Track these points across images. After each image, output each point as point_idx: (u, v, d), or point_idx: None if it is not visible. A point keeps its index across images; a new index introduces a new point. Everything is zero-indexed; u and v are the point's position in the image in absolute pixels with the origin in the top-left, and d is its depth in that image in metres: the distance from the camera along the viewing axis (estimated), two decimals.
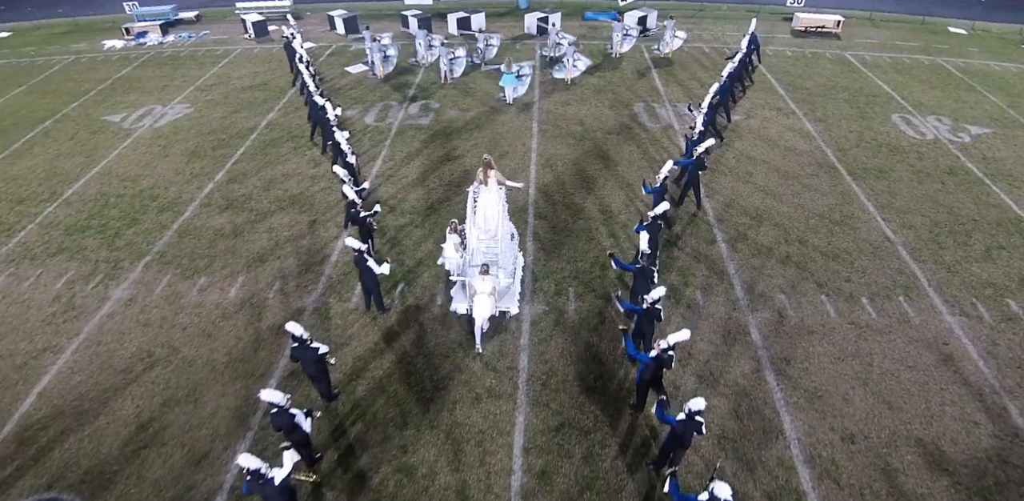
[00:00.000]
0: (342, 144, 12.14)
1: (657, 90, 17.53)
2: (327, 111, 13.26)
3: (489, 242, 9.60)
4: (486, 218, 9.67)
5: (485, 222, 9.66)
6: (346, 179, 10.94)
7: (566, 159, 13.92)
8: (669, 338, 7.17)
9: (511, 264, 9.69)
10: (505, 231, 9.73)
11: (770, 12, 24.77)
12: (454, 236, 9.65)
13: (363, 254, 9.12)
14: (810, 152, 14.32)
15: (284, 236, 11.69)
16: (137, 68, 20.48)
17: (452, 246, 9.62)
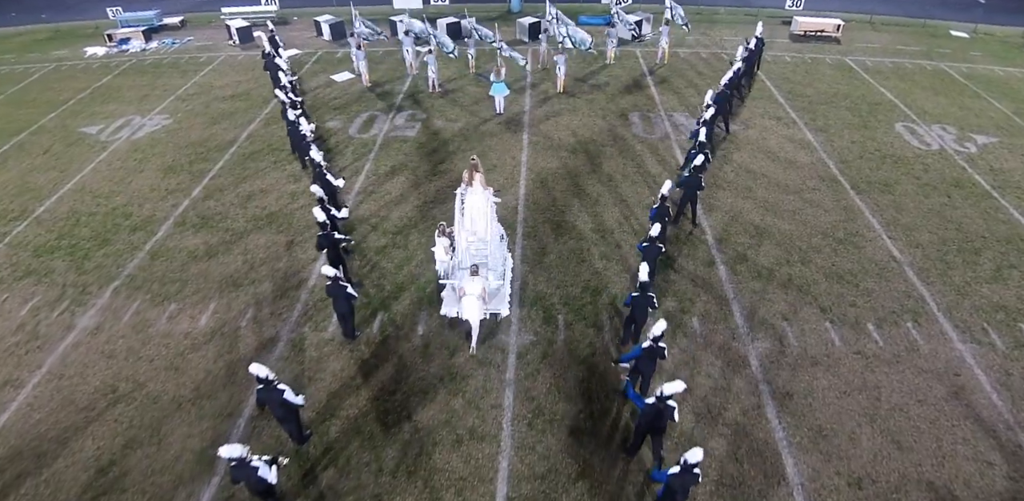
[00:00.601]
0: (322, 164, 11.50)
1: (652, 98, 16.97)
2: (298, 126, 12.69)
3: (478, 244, 9.38)
4: (473, 220, 9.47)
5: (472, 224, 9.48)
6: (323, 197, 10.37)
7: (557, 173, 13.36)
8: (664, 388, 6.60)
9: (500, 265, 9.53)
10: (494, 232, 9.58)
11: (768, 16, 24.20)
12: (443, 239, 9.46)
13: (338, 281, 8.60)
14: (812, 165, 13.78)
15: (260, 258, 11.13)
16: (118, 76, 19.88)
17: (441, 249, 9.44)
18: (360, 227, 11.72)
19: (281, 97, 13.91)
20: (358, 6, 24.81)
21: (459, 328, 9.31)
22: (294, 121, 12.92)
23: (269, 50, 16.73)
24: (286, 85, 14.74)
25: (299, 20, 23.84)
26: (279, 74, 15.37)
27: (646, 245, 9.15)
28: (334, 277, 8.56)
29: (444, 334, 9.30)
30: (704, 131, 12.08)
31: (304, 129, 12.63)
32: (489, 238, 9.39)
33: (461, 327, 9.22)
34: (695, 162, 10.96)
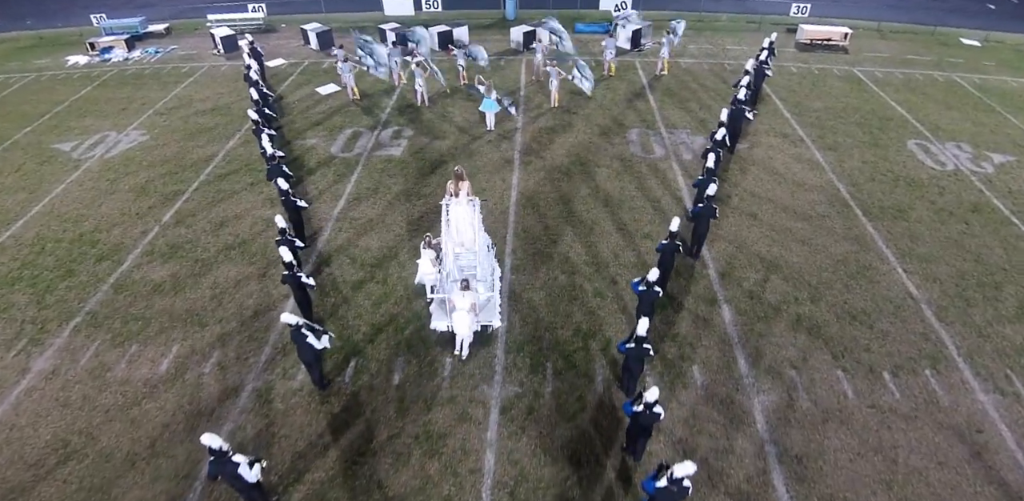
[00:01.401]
0: (288, 191, 10.76)
1: (652, 113, 16.19)
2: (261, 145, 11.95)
3: (467, 255, 9.26)
4: (459, 231, 9.30)
5: (459, 235, 9.31)
6: (285, 229, 9.67)
7: (550, 197, 12.59)
8: (675, 469, 5.76)
9: (489, 276, 9.40)
10: (481, 243, 9.45)
11: (773, 23, 23.40)
12: (429, 251, 9.27)
13: (299, 329, 7.86)
14: (821, 187, 12.99)
15: (228, 293, 10.39)
16: (97, 88, 19.16)
17: (428, 261, 9.26)
18: (336, 258, 10.98)
19: (252, 117, 13.20)
20: (348, 12, 24.27)
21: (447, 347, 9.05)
22: (261, 143, 12.24)
23: (248, 62, 16.01)
24: (259, 100, 14.04)
25: (287, 27, 23.10)
26: (251, 91, 14.65)
27: (643, 289, 8.39)
28: (295, 325, 7.84)
29: (421, 384, 8.56)
30: (712, 157, 11.32)
31: (269, 150, 11.86)
32: (477, 248, 9.23)
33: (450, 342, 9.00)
34: (708, 191, 10.21)
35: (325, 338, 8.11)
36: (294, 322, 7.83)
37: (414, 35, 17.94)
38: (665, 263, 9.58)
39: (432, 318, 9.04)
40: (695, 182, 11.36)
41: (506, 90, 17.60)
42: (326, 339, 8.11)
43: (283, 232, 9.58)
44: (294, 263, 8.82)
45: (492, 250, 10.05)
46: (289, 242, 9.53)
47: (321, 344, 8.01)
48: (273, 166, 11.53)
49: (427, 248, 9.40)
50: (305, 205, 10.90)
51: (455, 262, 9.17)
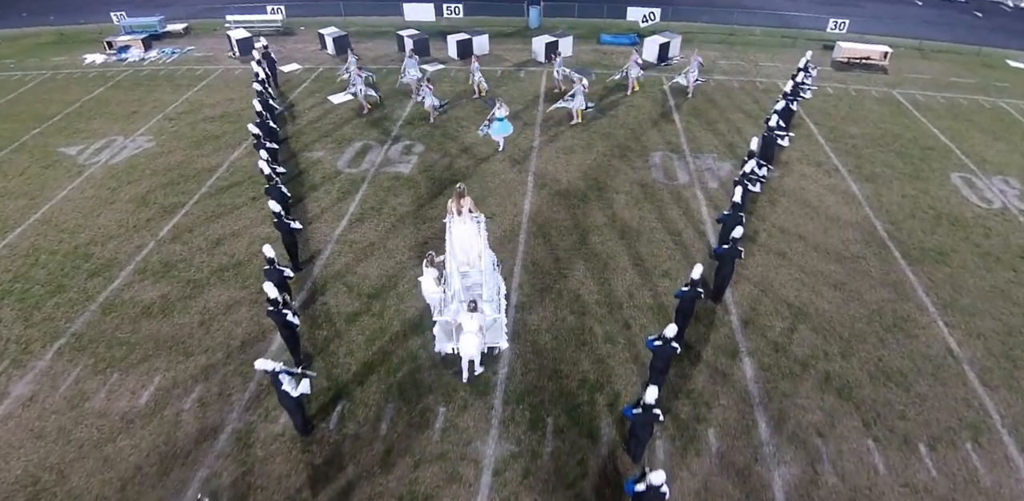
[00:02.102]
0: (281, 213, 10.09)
1: (678, 135, 15.34)
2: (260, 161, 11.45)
3: (473, 273, 9.10)
4: (464, 249, 9.23)
5: (464, 254, 9.20)
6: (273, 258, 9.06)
7: (563, 225, 11.86)
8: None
9: (495, 295, 9.19)
10: (487, 260, 9.29)
11: (808, 38, 22.31)
12: (431, 270, 8.94)
13: (276, 375, 7.28)
14: (857, 223, 12.06)
15: (217, 320, 9.87)
16: (111, 89, 18.91)
17: (431, 280, 8.93)
18: (332, 286, 10.40)
19: (253, 130, 12.71)
20: (369, 16, 23.81)
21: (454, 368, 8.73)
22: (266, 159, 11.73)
23: (256, 70, 15.54)
24: (261, 112, 13.54)
25: (305, 30, 22.68)
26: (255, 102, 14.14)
27: (658, 344, 7.64)
28: (272, 371, 7.26)
29: (411, 436, 7.91)
30: (740, 191, 10.50)
31: (266, 170, 11.29)
32: (483, 267, 9.03)
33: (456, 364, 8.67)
34: (735, 233, 9.38)
35: (304, 383, 7.51)
36: (270, 368, 7.25)
37: None
38: (684, 312, 8.81)
39: (436, 340, 8.76)
40: (719, 217, 10.58)
41: (523, 103, 16.90)
42: (305, 384, 7.51)
43: (271, 262, 9.02)
44: (279, 299, 8.24)
45: (498, 268, 9.77)
46: (277, 273, 8.97)
47: (298, 391, 7.40)
48: (270, 186, 11.01)
49: (429, 267, 9.00)
50: (299, 227, 10.33)
51: (461, 281, 8.86)
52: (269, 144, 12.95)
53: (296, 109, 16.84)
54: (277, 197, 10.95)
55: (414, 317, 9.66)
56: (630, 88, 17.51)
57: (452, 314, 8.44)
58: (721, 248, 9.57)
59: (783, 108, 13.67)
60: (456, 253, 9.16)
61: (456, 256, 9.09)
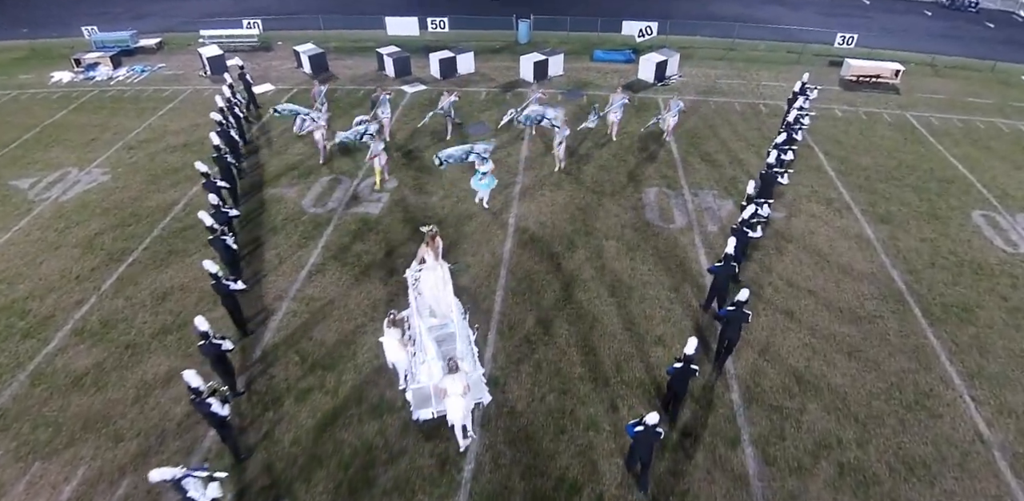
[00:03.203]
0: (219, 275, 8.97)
1: (675, 167, 14.16)
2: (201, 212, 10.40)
3: (442, 328, 8.55)
4: (438, 300, 8.70)
5: (439, 305, 8.67)
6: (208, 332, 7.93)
7: (545, 279, 10.69)
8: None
9: (468, 346, 8.53)
10: (457, 310, 8.78)
11: (815, 54, 21.09)
12: (394, 330, 8.16)
13: (179, 482, 6.19)
14: (872, 274, 10.90)
15: (155, 395, 8.73)
16: (73, 112, 17.80)
17: (394, 342, 8.17)
18: (283, 355, 9.25)
19: (201, 169, 11.62)
20: (349, 29, 22.65)
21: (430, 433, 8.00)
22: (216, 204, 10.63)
23: (218, 99, 14.37)
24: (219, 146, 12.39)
25: (283, 45, 21.52)
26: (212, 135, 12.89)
27: (640, 430, 6.68)
28: (174, 479, 6.19)
29: None
30: (732, 242, 9.37)
31: (207, 222, 10.16)
32: (456, 317, 8.53)
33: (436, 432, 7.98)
34: (740, 296, 8.26)
35: (214, 487, 6.39)
36: (170, 476, 6.15)
37: None
38: (676, 390, 7.75)
39: (413, 407, 8.08)
40: (710, 268, 9.56)
41: (510, 130, 15.73)
42: (215, 488, 6.39)
43: (205, 336, 7.91)
44: (201, 389, 7.13)
45: (466, 316, 9.16)
46: (214, 348, 7.91)
47: (208, 497, 6.27)
48: (214, 238, 9.88)
49: (391, 327, 8.17)
50: (241, 288, 9.17)
51: (432, 340, 8.15)
52: (220, 182, 11.72)
53: (264, 137, 15.69)
54: (220, 249, 9.92)
55: (372, 397, 8.53)
56: (614, 132, 15.09)
57: (428, 377, 7.82)
58: (725, 310, 8.46)
59: (784, 141, 12.49)
60: (428, 305, 8.59)
61: (424, 311, 8.55)
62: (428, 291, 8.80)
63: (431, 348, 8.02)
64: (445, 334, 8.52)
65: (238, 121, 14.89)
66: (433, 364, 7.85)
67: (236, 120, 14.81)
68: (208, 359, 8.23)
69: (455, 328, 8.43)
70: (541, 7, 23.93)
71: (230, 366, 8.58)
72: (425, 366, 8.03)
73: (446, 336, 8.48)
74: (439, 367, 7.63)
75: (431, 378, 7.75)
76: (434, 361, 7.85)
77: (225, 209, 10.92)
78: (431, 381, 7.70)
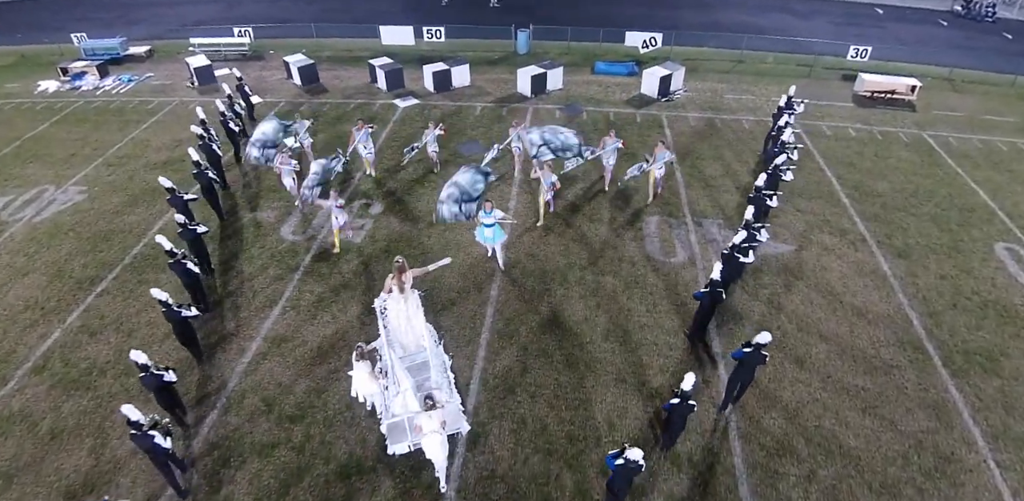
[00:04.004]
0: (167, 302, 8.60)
1: (678, 194, 13.34)
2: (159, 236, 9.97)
3: (418, 358, 8.34)
4: (404, 332, 8.48)
5: (405, 336, 8.46)
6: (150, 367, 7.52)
7: (535, 320, 9.90)
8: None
9: (443, 374, 8.39)
10: (430, 338, 8.63)
11: (826, 67, 20.23)
12: (363, 363, 7.90)
13: None
14: (888, 317, 10.10)
15: (111, 446, 8.09)
16: (55, 124, 17.22)
17: (364, 375, 7.93)
18: (248, 403, 8.55)
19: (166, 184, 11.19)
20: (342, 38, 22.00)
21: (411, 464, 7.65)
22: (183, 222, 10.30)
23: (223, 110, 13.98)
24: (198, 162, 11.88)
25: (274, 55, 20.85)
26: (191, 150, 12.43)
27: (619, 464, 6.36)
28: None
29: None
30: (719, 266, 8.87)
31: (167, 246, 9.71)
32: (429, 345, 8.35)
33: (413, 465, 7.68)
34: (760, 339, 7.64)
35: None
36: None
37: None
38: (673, 426, 7.43)
39: (389, 441, 7.82)
40: (696, 293, 9.01)
41: (503, 151, 15.00)
42: None
43: (144, 368, 7.53)
44: (141, 422, 6.74)
45: (440, 343, 9.05)
46: (155, 379, 7.57)
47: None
48: (174, 261, 9.41)
49: (361, 360, 7.90)
50: (194, 314, 8.79)
51: (404, 371, 7.91)
52: (188, 195, 11.25)
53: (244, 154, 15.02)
54: (180, 274, 9.51)
55: (341, 455, 7.84)
56: (607, 180, 13.19)
57: (403, 409, 7.62)
58: (741, 351, 7.83)
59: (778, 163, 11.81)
60: (400, 338, 8.38)
61: (396, 341, 8.33)
62: (393, 322, 8.57)
63: (404, 380, 7.75)
64: (418, 364, 8.27)
65: (232, 135, 14.31)
66: (407, 395, 7.62)
67: (230, 134, 14.25)
68: (150, 392, 7.77)
69: (429, 357, 8.19)
70: (542, 16, 23.21)
71: (176, 398, 8.15)
72: (399, 398, 7.80)
73: (419, 366, 8.24)
74: (414, 398, 7.40)
75: (406, 409, 7.57)
76: (408, 392, 7.62)
77: (192, 226, 10.43)
78: (406, 413, 7.53)
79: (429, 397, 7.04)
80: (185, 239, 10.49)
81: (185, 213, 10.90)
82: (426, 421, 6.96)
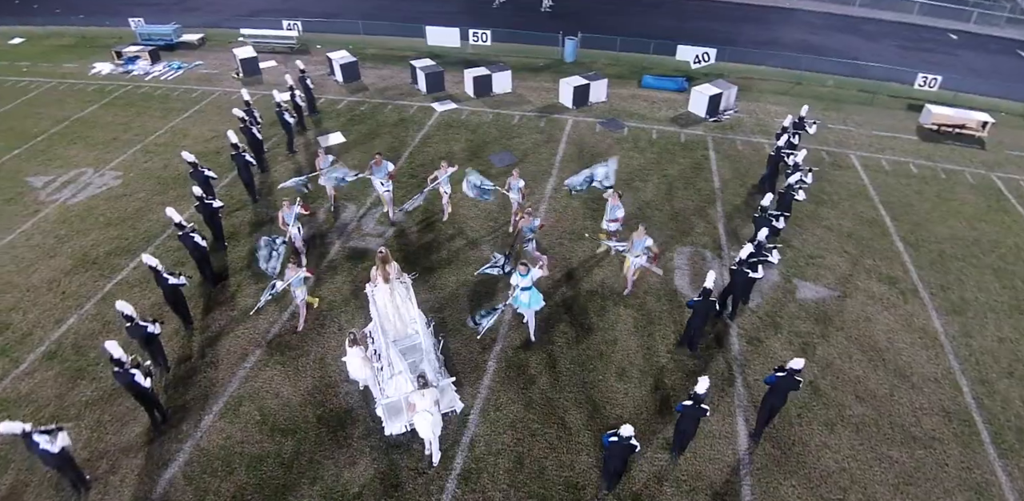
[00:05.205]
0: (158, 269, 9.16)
1: (715, 223, 12.53)
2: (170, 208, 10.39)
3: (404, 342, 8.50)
4: (399, 317, 8.75)
5: (400, 322, 8.69)
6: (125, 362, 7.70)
7: (548, 351, 9.38)
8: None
9: (435, 358, 8.56)
10: (420, 322, 8.78)
11: (890, 94, 18.93)
12: (356, 348, 8.13)
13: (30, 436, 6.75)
14: (935, 381, 9.17)
15: (106, 440, 8.05)
16: (104, 107, 17.67)
17: (357, 360, 8.17)
18: (245, 411, 8.36)
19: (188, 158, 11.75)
20: (391, 36, 21.90)
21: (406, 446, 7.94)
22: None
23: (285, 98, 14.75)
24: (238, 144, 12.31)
25: (321, 49, 20.89)
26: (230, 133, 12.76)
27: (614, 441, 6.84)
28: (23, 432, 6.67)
29: None
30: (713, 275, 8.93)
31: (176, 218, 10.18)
32: (420, 329, 8.58)
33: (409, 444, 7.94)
34: (794, 365, 7.52)
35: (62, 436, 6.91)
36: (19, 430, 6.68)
37: None
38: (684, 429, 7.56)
39: (385, 422, 8.03)
40: (689, 302, 9.07)
41: (536, 163, 14.51)
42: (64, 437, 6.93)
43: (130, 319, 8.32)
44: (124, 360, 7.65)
45: (431, 325, 9.28)
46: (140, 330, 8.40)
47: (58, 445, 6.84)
48: (183, 234, 9.97)
49: (353, 346, 8.14)
50: (182, 282, 9.31)
51: (397, 353, 8.17)
52: (208, 173, 11.72)
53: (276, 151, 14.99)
54: (190, 247, 10.14)
55: (328, 477, 7.54)
56: (629, 284, 10.40)
57: (397, 391, 7.81)
58: (774, 376, 7.59)
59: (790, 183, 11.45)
60: (385, 325, 8.59)
61: (385, 329, 8.54)
62: (382, 310, 8.85)
63: (398, 362, 8.05)
64: (409, 346, 8.48)
65: (287, 126, 14.45)
66: (401, 377, 7.88)
67: (285, 125, 14.42)
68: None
69: (420, 340, 8.45)
70: (592, 24, 22.55)
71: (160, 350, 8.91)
72: (394, 380, 8.00)
73: (410, 348, 8.46)
74: (408, 379, 7.70)
75: (400, 391, 7.74)
76: (403, 374, 7.88)
77: (208, 201, 10.96)
78: (401, 394, 7.69)
79: (422, 376, 7.42)
80: (201, 213, 11.09)
81: (204, 187, 11.38)
82: (419, 399, 7.22)
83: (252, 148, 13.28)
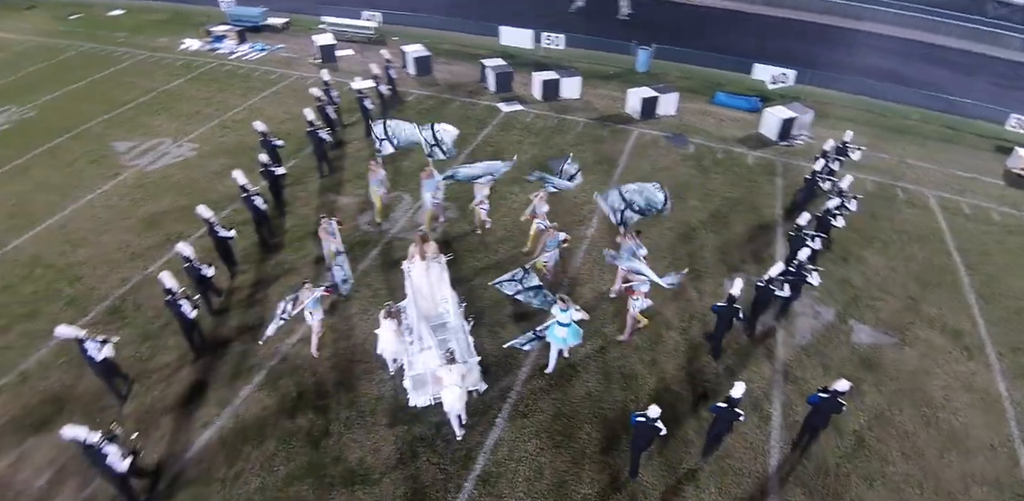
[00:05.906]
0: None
1: (771, 254, 12.08)
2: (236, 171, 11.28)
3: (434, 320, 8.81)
4: (425, 297, 9.07)
5: (425, 301, 9.02)
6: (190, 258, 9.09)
7: (584, 364, 9.28)
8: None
9: (463, 336, 8.74)
10: (453, 301, 9.12)
11: (977, 133, 17.70)
12: (389, 321, 8.32)
13: None
14: (991, 449, 8.51)
15: (151, 395, 8.54)
16: (189, 81, 18.69)
17: (389, 333, 8.36)
18: (284, 383, 8.72)
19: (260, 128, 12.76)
20: (465, 33, 22.17)
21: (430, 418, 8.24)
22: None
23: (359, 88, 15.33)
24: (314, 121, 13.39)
25: (398, 41, 21.38)
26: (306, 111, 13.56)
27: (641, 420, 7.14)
28: None
29: None
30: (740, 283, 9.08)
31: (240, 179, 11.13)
32: (452, 308, 8.89)
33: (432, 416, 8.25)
34: (839, 386, 7.52)
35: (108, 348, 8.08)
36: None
37: None
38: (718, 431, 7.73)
39: (410, 394, 8.20)
40: (713, 307, 9.09)
41: (594, 171, 14.36)
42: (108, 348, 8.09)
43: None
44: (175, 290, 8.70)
45: (463, 306, 9.43)
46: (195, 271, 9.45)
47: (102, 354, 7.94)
48: (246, 197, 10.86)
49: (387, 318, 8.35)
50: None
51: (428, 329, 8.43)
52: (277, 142, 12.75)
53: None
54: (251, 209, 11.02)
55: (352, 460, 7.75)
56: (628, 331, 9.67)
57: (424, 365, 8.10)
58: (817, 396, 7.57)
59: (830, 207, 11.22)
60: (418, 302, 8.89)
61: (419, 305, 8.85)
62: (416, 285, 9.22)
63: (428, 337, 8.29)
64: (440, 324, 8.82)
65: (365, 112, 14.85)
66: (430, 352, 8.12)
67: (363, 111, 14.85)
68: None
69: (451, 319, 8.79)
70: (667, 35, 22.10)
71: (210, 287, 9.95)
72: (423, 354, 8.25)
73: (441, 326, 8.78)
74: (437, 354, 7.94)
75: (428, 365, 8.01)
76: (432, 349, 8.12)
77: (272, 168, 11.83)
78: (428, 368, 7.95)
79: (449, 351, 7.83)
80: (265, 179, 11.91)
81: (272, 155, 12.31)
82: (446, 374, 7.50)
83: (327, 125, 14.24)
